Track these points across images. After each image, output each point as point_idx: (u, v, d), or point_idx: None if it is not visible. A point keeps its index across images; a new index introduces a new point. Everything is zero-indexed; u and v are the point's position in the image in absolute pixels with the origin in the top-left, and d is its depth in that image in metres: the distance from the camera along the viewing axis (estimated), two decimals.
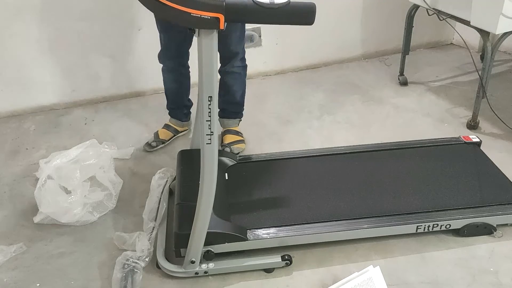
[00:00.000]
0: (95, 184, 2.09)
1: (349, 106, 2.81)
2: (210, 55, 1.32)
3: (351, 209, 1.85)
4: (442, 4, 2.49)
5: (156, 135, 2.48)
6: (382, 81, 3.07)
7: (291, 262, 1.73)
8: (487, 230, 1.83)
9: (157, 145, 2.45)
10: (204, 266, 1.69)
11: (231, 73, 2.27)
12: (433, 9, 2.53)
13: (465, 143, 2.21)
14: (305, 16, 1.29)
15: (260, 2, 1.24)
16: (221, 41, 2.08)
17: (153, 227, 1.87)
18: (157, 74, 2.38)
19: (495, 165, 2.06)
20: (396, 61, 3.12)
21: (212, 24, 1.24)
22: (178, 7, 1.22)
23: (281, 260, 1.72)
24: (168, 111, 2.51)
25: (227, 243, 1.70)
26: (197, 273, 1.70)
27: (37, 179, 2.09)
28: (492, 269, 1.71)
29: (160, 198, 1.99)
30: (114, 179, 2.15)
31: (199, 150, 1.47)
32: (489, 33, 2.28)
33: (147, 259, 1.76)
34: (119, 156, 2.36)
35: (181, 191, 1.84)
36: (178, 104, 2.48)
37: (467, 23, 2.35)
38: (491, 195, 1.90)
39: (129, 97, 2.96)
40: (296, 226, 1.77)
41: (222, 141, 2.42)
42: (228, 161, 2.11)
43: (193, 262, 1.66)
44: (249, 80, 3.15)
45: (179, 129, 2.52)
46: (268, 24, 1.40)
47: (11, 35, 2.67)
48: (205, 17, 1.23)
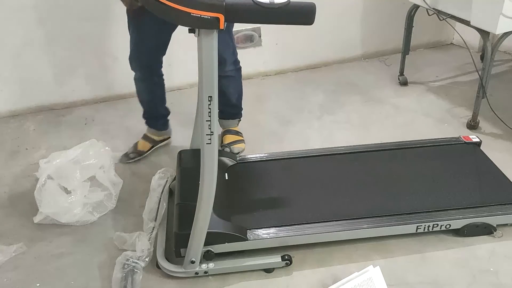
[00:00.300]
0: (95, 184, 2.09)
1: (349, 106, 2.81)
2: (210, 55, 1.32)
3: (351, 209, 1.85)
4: (442, 4, 2.49)
5: (135, 146, 2.41)
6: (382, 81, 3.07)
7: (291, 262, 1.73)
8: (487, 230, 1.83)
9: (135, 157, 2.37)
10: (204, 266, 1.69)
11: (224, 77, 2.18)
12: (433, 9, 2.53)
13: (465, 143, 2.21)
14: (305, 16, 1.29)
15: (260, 2, 1.24)
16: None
17: (153, 227, 1.87)
18: None
19: (495, 165, 2.06)
20: (396, 61, 3.12)
21: (212, 24, 1.24)
22: (178, 7, 1.22)
23: (281, 260, 1.72)
24: (144, 121, 2.42)
25: (227, 243, 1.70)
26: (197, 273, 1.70)
27: (37, 179, 2.09)
28: (492, 269, 1.71)
29: (160, 198, 1.99)
30: (114, 179, 2.15)
31: (199, 150, 1.47)
32: (489, 33, 2.28)
33: (147, 259, 1.76)
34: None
35: (181, 191, 1.85)
36: (153, 114, 2.40)
37: (467, 23, 2.35)
38: (491, 195, 1.90)
39: (129, 97, 2.95)
40: (296, 226, 1.78)
41: (222, 142, 2.40)
42: (228, 161, 2.11)
43: (193, 262, 1.66)
44: (249, 80, 3.17)
45: (157, 139, 2.44)
46: (268, 24, 1.40)
47: (11, 34, 2.67)
48: (205, 17, 1.23)
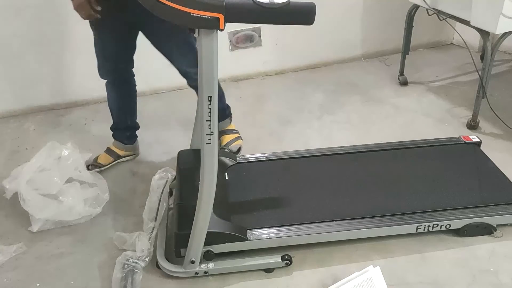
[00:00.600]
0: (75, 184, 2.07)
1: (349, 106, 2.81)
2: (210, 55, 1.32)
3: (351, 209, 1.85)
4: (442, 4, 2.49)
5: (95, 158, 2.32)
6: (382, 81, 3.07)
7: (291, 262, 1.73)
8: (487, 230, 1.83)
9: (92, 169, 2.26)
10: (204, 266, 1.69)
11: (194, 86, 2.11)
12: (433, 9, 2.53)
13: (465, 143, 2.21)
14: (305, 16, 1.29)
15: (260, 2, 1.24)
16: (167, 54, 2.04)
17: (153, 227, 1.87)
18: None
19: (495, 165, 2.06)
20: (396, 61, 3.12)
21: (212, 24, 1.24)
22: (178, 7, 1.22)
23: (281, 260, 1.72)
24: (111, 132, 2.35)
25: (227, 243, 1.70)
26: (197, 273, 1.70)
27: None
28: (492, 269, 1.71)
29: (160, 198, 1.99)
30: (95, 176, 2.16)
31: (199, 150, 1.47)
32: (489, 33, 2.28)
33: (147, 259, 1.76)
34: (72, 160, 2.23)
35: (181, 191, 1.84)
36: (121, 124, 2.31)
37: (467, 23, 2.35)
38: (491, 195, 1.90)
39: None
40: (296, 226, 1.77)
41: (220, 143, 2.37)
42: (228, 161, 2.11)
43: (193, 262, 1.66)
44: (249, 80, 3.17)
45: (121, 153, 2.34)
46: (268, 24, 1.40)
47: (12, 35, 2.67)
48: (205, 17, 1.23)
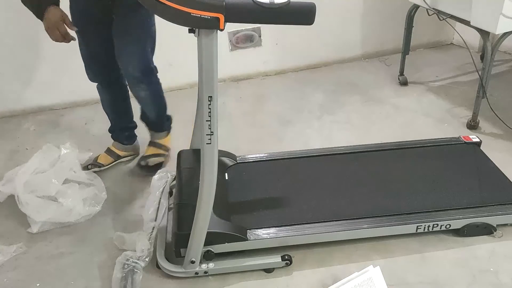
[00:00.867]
0: (73, 185, 2.08)
1: (349, 106, 2.81)
2: (210, 55, 1.31)
3: (351, 209, 1.85)
4: (442, 4, 2.49)
5: (95, 158, 2.32)
6: (382, 81, 3.07)
7: (291, 262, 1.73)
8: (487, 230, 1.83)
9: (92, 168, 2.26)
10: (204, 266, 1.69)
11: (136, 96, 2.10)
12: (433, 9, 2.53)
13: (465, 143, 2.21)
14: (305, 16, 1.29)
15: (260, 2, 1.24)
16: (121, 41, 1.93)
17: (153, 227, 1.87)
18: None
19: (495, 165, 2.06)
20: (396, 61, 3.12)
21: (212, 24, 1.24)
22: (178, 7, 1.22)
23: (281, 260, 1.72)
24: (110, 134, 2.34)
25: (227, 243, 1.70)
26: (197, 273, 1.70)
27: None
28: (492, 269, 1.71)
29: (160, 198, 1.99)
30: (90, 175, 2.17)
31: (199, 150, 1.47)
32: (489, 33, 2.28)
33: (147, 259, 1.76)
34: (72, 160, 2.22)
35: (181, 191, 1.84)
36: (117, 125, 2.30)
37: (467, 23, 2.35)
38: (491, 195, 1.90)
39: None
40: (296, 226, 1.77)
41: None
42: (228, 161, 2.11)
43: (193, 262, 1.66)
44: (249, 80, 3.17)
45: (121, 154, 2.33)
46: (268, 24, 1.40)
47: (11, 34, 2.67)
48: (205, 17, 1.23)
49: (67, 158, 2.14)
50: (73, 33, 1.87)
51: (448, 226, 1.80)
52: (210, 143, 1.43)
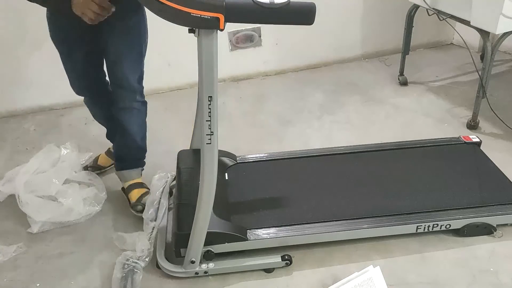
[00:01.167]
0: (74, 185, 2.09)
1: (349, 106, 2.81)
2: (210, 55, 1.31)
3: (351, 209, 1.85)
4: (442, 4, 2.49)
5: (95, 160, 2.29)
6: (382, 81, 3.07)
7: (291, 262, 1.73)
8: (487, 230, 1.83)
9: (93, 171, 2.22)
10: (204, 266, 1.69)
11: (130, 110, 1.94)
12: (433, 9, 2.53)
13: (465, 143, 2.21)
14: (305, 16, 1.29)
15: (260, 2, 1.24)
16: (114, 65, 1.83)
17: (153, 227, 1.87)
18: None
19: (495, 165, 2.06)
20: (396, 61, 3.12)
21: (212, 24, 1.24)
22: (178, 7, 1.22)
23: (281, 260, 1.72)
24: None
25: (227, 243, 1.70)
26: (197, 273, 1.70)
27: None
28: (492, 269, 1.71)
29: (160, 198, 1.99)
30: (90, 175, 2.17)
31: (199, 150, 1.47)
32: (489, 33, 2.28)
33: (147, 259, 1.76)
34: (72, 160, 2.20)
35: (181, 191, 1.84)
36: (112, 132, 2.16)
37: (467, 23, 2.35)
38: (491, 195, 1.90)
39: None
40: (296, 226, 1.77)
41: (129, 201, 2.05)
42: (228, 161, 2.11)
43: (193, 262, 1.66)
44: (249, 80, 3.17)
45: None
46: (268, 24, 1.40)
47: (11, 34, 2.67)
48: (205, 17, 1.23)
49: (68, 158, 2.14)
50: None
51: (448, 226, 1.80)
52: (210, 143, 1.43)
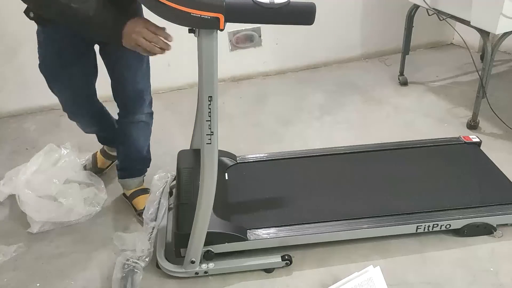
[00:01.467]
0: (74, 185, 2.07)
1: (349, 106, 2.81)
2: (210, 55, 1.31)
3: (351, 209, 1.85)
4: (442, 4, 2.49)
5: (94, 163, 2.25)
6: (382, 81, 3.07)
7: (291, 262, 1.73)
8: (487, 230, 1.83)
9: (96, 173, 2.20)
10: (204, 266, 1.69)
11: (137, 123, 1.90)
12: (433, 9, 2.53)
13: (465, 143, 2.21)
14: (305, 16, 1.29)
15: (260, 2, 1.24)
16: (124, 79, 1.77)
17: (153, 227, 1.87)
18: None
19: (495, 165, 2.06)
20: (396, 61, 3.12)
21: (212, 24, 1.24)
22: (178, 7, 1.22)
23: (281, 260, 1.72)
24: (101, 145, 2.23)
25: (227, 243, 1.70)
26: (197, 273, 1.70)
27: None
28: (492, 269, 1.71)
29: (160, 198, 1.99)
30: (90, 175, 2.17)
31: (199, 150, 1.47)
32: (489, 33, 2.28)
33: (147, 259, 1.76)
34: (73, 160, 2.18)
35: (181, 191, 1.84)
36: (107, 137, 2.15)
37: (467, 23, 2.35)
38: (491, 195, 1.90)
39: None
40: (296, 226, 1.77)
41: (135, 208, 2.04)
42: (228, 161, 2.11)
43: (193, 262, 1.66)
44: (249, 80, 3.17)
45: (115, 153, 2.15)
46: (268, 24, 1.40)
47: (11, 34, 2.67)
48: (205, 17, 1.23)
49: (68, 158, 2.14)
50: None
51: (448, 226, 1.80)
52: (210, 143, 1.43)
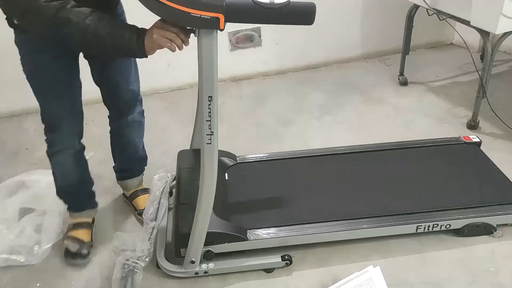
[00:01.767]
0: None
1: (349, 106, 2.81)
2: (210, 55, 1.31)
3: (351, 209, 1.85)
4: (442, 4, 2.49)
5: (81, 244, 1.83)
6: (382, 81, 3.07)
7: (291, 262, 1.73)
8: (487, 230, 1.83)
9: (89, 253, 1.84)
10: (204, 266, 1.69)
11: (132, 123, 1.88)
12: (433, 9, 2.53)
13: (465, 143, 2.21)
14: (305, 16, 1.29)
15: (260, 2, 1.24)
16: (118, 83, 1.79)
17: (153, 227, 1.87)
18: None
19: (495, 165, 2.06)
20: (396, 61, 3.12)
21: (212, 24, 1.24)
22: (178, 7, 1.22)
23: (281, 260, 1.72)
24: (72, 210, 1.90)
25: (227, 243, 1.70)
26: (197, 273, 1.70)
27: None
28: (492, 269, 1.71)
29: (160, 198, 1.99)
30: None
31: (199, 150, 1.47)
32: (489, 33, 2.28)
33: (147, 259, 1.76)
34: None
35: (181, 191, 1.84)
36: (88, 193, 1.92)
37: (467, 23, 2.35)
38: (491, 195, 1.90)
39: None
40: (296, 226, 1.77)
41: (135, 208, 2.03)
42: (228, 161, 2.11)
43: (193, 262, 1.66)
44: (249, 80, 3.17)
45: (90, 219, 1.93)
46: (268, 24, 1.40)
47: (12, 35, 2.67)
48: (205, 17, 1.23)
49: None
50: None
51: (448, 226, 1.80)
52: (210, 143, 1.43)
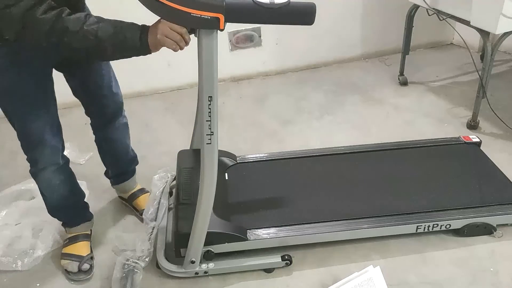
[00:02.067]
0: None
1: (349, 106, 2.81)
2: (210, 55, 1.31)
3: (351, 209, 1.85)
4: (442, 4, 2.49)
5: (80, 259, 1.78)
6: (382, 81, 3.07)
7: (291, 262, 1.73)
8: (487, 230, 1.83)
9: (92, 266, 1.79)
10: (204, 266, 1.69)
11: (118, 127, 1.87)
12: (433, 9, 2.53)
13: (465, 143, 2.21)
14: (305, 16, 1.29)
15: (260, 2, 1.24)
16: (101, 90, 1.79)
17: (153, 227, 1.87)
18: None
19: (495, 165, 2.06)
20: (396, 61, 3.12)
21: (212, 24, 1.24)
22: (178, 7, 1.22)
23: (281, 260, 1.72)
24: (67, 225, 1.86)
25: (227, 243, 1.70)
26: (197, 273, 1.70)
27: None
28: (492, 269, 1.71)
29: (160, 198, 1.99)
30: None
31: (199, 150, 1.47)
32: (489, 33, 2.28)
33: (147, 259, 1.76)
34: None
35: (181, 191, 1.84)
36: (80, 208, 1.88)
37: (467, 23, 2.35)
38: (491, 195, 1.90)
39: (129, 97, 2.95)
40: (296, 226, 1.77)
41: (136, 209, 2.03)
42: (228, 161, 2.11)
43: (193, 262, 1.66)
44: (249, 80, 3.17)
45: (88, 231, 1.90)
46: (268, 24, 1.40)
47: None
48: (205, 17, 1.23)
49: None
50: None
51: (448, 226, 1.80)
52: (210, 143, 1.43)
